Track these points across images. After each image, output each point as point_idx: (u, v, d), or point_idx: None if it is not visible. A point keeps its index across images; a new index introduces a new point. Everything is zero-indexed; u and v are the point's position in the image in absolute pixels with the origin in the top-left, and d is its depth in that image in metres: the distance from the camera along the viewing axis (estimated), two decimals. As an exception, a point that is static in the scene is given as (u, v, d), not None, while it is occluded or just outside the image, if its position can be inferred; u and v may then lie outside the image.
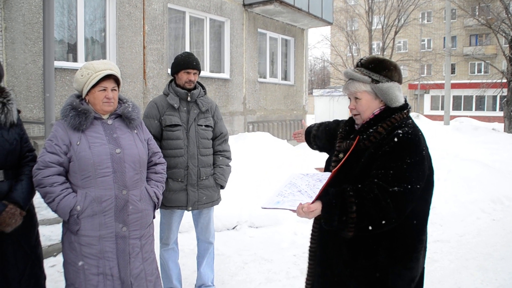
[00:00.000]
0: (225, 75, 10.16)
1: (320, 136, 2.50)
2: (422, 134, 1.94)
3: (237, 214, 5.43)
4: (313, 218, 2.08)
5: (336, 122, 2.47)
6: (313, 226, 2.14)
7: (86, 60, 7.15)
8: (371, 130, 1.96)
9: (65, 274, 2.44)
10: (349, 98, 2.08)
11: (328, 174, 1.95)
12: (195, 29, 9.48)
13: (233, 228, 5.36)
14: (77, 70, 6.74)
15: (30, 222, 2.45)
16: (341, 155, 2.03)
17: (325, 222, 1.83)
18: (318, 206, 1.79)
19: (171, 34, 8.82)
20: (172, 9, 8.72)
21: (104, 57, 7.46)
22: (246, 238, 5.07)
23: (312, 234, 2.15)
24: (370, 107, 2.01)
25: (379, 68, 1.99)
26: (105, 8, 7.42)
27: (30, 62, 6.21)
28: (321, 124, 2.57)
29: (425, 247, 2.04)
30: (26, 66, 6.16)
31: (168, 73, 8.43)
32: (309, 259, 2.15)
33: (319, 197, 1.82)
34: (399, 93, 1.99)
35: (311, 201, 1.79)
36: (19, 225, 2.29)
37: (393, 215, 1.78)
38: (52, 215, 4.85)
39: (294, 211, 1.80)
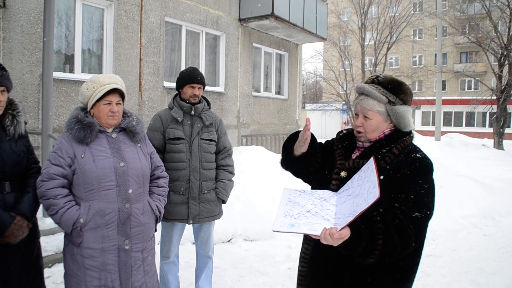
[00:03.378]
0: (220, 88, 10.23)
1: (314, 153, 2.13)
2: None
3: (232, 228, 5.45)
4: (304, 239, 2.02)
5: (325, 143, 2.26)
6: (305, 248, 2.02)
7: (83, 71, 7.19)
8: (384, 150, 1.92)
9: (66, 285, 2.44)
10: (356, 114, 2.00)
11: (329, 192, 1.88)
12: (191, 42, 9.57)
13: (228, 241, 5.37)
14: (73, 81, 6.80)
15: (33, 233, 2.46)
16: (343, 173, 1.95)
17: (349, 248, 1.67)
18: (348, 233, 1.62)
19: (167, 47, 8.88)
20: (168, 22, 8.80)
21: (100, 69, 7.50)
22: (241, 251, 5.09)
23: (303, 257, 2.04)
24: (379, 128, 1.96)
25: (397, 91, 1.95)
26: (103, 20, 7.48)
27: (27, 72, 6.23)
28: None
29: (417, 270, 1.99)
30: (23, 76, 6.18)
31: (164, 86, 8.49)
32: (299, 284, 2.05)
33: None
34: (411, 118, 1.98)
35: (328, 224, 1.66)
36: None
37: (413, 241, 1.72)
38: (47, 226, 4.85)
39: (317, 236, 1.65)
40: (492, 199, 7.56)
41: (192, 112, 3.33)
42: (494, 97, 19.17)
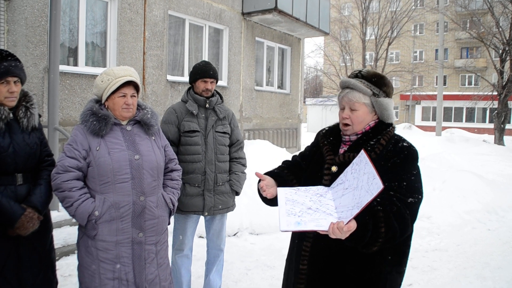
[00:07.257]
0: (223, 82, 10.20)
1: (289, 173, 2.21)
2: None
3: (238, 221, 5.46)
4: (304, 237, 2.01)
5: (299, 156, 2.29)
6: (304, 245, 1.99)
7: (87, 64, 7.17)
8: (371, 142, 1.97)
9: (80, 277, 2.45)
10: (342, 107, 2.05)
11: (323, 187, 1.92)
12: (194, 36, 9.54)
13: (234, 234, 5.38)
14: (77, 74, 6.77)
15: (46, 226, 2.46)
16: (334, 168, 1.98)
17: (356, 240, 1.71)
18: (354, 225, 1.66)
19: (170, 40, 8.86)
20: (172, 16, 8.77)
21: (104, 62, 7.48)
22: (248, 245, 5.10)
23: (302, 255, 1.99)
24: (365, 120, 2.02)
25: (381, 84, 2.03)
26: (107, 13, 7.44)
27: (31, 65, 6.21)
28: (283, 168, 2.27)
29: (409, 252, 2.05)
30: (27, 69, 6.08)
31: (167, 80, 8.47)
32: (298, 282, 2.01)
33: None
34: (393, 110, 2.07)
35: (332, 219, 1.70)
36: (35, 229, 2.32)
37: (410, 225, 1.81)
38: (53, 219, 4.83)
39: (324, 231, 1.67)
40: (495, 194, 7.56)
41: (207, 105, 3.35)
42: (495, 93, 19.19)
